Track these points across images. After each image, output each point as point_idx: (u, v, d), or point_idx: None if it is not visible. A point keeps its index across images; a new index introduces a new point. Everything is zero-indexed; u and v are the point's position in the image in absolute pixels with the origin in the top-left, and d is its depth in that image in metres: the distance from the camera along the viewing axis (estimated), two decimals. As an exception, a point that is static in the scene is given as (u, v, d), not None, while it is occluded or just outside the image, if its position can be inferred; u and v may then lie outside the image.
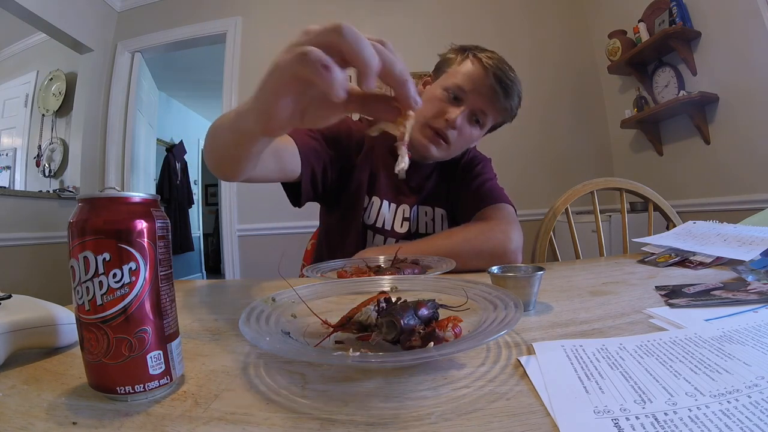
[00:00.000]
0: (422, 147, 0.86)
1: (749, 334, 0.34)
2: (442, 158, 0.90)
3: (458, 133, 0.84)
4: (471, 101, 0.83)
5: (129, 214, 0.28)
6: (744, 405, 0.23)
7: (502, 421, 0.24)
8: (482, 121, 0.86)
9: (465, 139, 0.87)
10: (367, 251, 0.83)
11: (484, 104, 0.84)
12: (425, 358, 0.31)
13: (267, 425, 0.25)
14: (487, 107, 0.84)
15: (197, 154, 5.53)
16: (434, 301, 0.40)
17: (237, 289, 0.73)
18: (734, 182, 1.99)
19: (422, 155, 0.87)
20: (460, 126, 0.83)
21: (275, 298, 0.42)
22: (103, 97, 2.94)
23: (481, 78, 0.82)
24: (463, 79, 0.83)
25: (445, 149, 0.87)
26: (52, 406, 0.28)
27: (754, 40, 1.82)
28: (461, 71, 0.84)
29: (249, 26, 2.93)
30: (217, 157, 0.57)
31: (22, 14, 2.39)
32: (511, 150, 2.76)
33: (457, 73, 0.84)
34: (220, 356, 0.37)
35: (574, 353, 0.32)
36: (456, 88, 0.83)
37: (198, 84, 4.54)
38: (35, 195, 2.57)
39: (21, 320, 0.35)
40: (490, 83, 0.81)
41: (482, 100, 0.83)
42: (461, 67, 0.84)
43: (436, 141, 0.85)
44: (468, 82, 0.82)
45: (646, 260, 0.76)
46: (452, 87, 0.83)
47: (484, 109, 0.84)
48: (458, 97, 0.83)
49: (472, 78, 0.82)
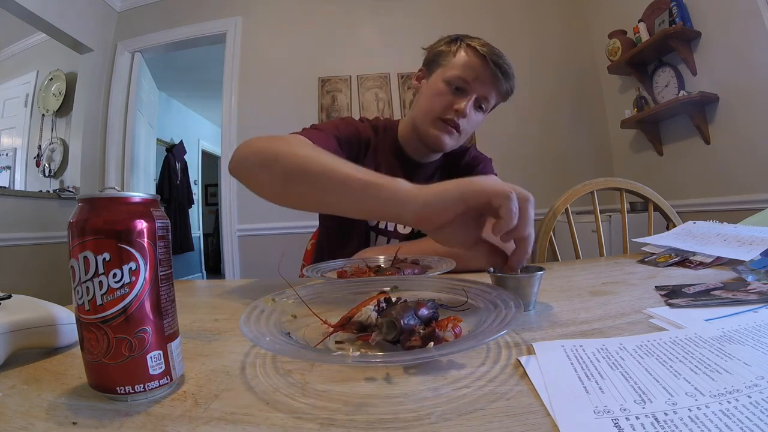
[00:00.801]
0: (436, 140, 0.88)
1: (749, 334, 0.34)
2: (453, 147, 0.92)
3: (467, 120, 0.88)
4: (475, 89, 0.85)
5: (129, 214, 0.28)
6: (744, 405, 0.23)
7: (502, 421, 0.24)
8: (485, 105, 0.89)
9: (472, 125, 0.91)
10: (367, 251, 0.83)
11: (488, 90, 0.86)
12: (425, 358, 0.31)
13: (267, 425, 0.25)
14: (490, 93, 0.87)
15: (197, 154, 5.53)
16: (434, 301, 0.40)
17: (237, 289, 0.73)
18: (734, 182, 1.99)
19: (436, 147, 0.90)
20: (468, 113, 0.86)
21: (275, 298, 0.42)
22: (103, 97, 2.94)
23: (480, 66, 0.84)
24: (463, 69, 0.85)
25: (456, 138, 0.90)
26: (52, 406, 0.28)
27: (754, 40, 1.82)
28: (459, 62, 0.86)
29: (249, 26, 2.93)
30: (292, 193, 0.58)
31: (22, 14, 2.40)
32: (512, 150, 2.76)
33: (456, 65, 0.86)
34: (220, 356, 0.37)
35: (574, 353, 0.32)
36: (458, 79, 0.85)
37: (198, 84, 4.54)
38: (35, 195, 2.57)
39: (21, 320, 0.35)
40: (491, 69, 0.84)
41: (485, 86, 0.86)
42: (457, 58, 0.86)
43: (449, 131, 0.88)
44: (469, 71, 0.84)
45: (646, 260, 0.76)
46: (454, 78, 0.85)
47: (487, 95, 0.87)
48: (461, 88, 0.86)
49: (472, 67, 0.84)
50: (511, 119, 2.77)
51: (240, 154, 0.65)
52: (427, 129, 0.88)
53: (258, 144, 0.64)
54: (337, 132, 0.87)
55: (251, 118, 2.81)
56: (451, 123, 0.86)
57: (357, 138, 0.92)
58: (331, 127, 0.88)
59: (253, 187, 0.63)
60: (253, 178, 0.64)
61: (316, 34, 2.90)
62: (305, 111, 2.79)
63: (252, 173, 0.64)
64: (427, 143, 0.90)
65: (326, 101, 2.85)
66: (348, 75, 2.87)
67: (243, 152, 0.65)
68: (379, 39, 2.90)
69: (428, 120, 0.88)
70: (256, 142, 0.65)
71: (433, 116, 0.87)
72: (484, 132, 2.76)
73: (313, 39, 2.89)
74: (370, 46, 2.89)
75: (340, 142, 0.86)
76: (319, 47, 2.89)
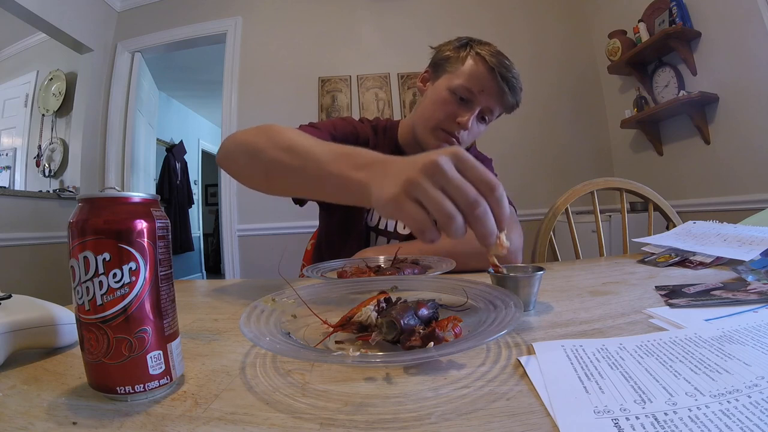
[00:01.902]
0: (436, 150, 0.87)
1: (749, 334, 0.34)
2: None
3: (468, 132, 0.86)
4: (480, 101, 0.83)
5: (129, 214, 0.28)
6: (744, 405, 0.23)
7: (502, 421, 0.24)
8: (488, 117, 0.88)
9: (473, 136, 0.89)
10: (367, 251, 0.83)
11: (493, 103, 0.85)
12: (425, 358, 0.31)
13: (267, 425, 0.25)
14: (495, 106, 0.85)
15: (197, 154, 5.53)
16: (434, 301, 0.40)
17: (237, 289, 0.73)
18: (734, 182, 1.98)
19: None
20: (470, 127, 0.85)
21: (275, 298, 0.42)
22: (103, 97, 2.94)
23: (488, 79, 0.82)
24: (468, 80, 0.82)
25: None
26: (52, 406, 0.28)
27: (754, 40, 1.82)
28: (465, 72, 0.83)
29: (249, 26, 2.93)
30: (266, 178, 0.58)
31: (22, 14, 2.39)
32: (512, 150, 2.76)
33: (462, 74, 0.83)
34: (220, 356, 0.37)
35: (574, 353, 0.32)
36: (463, 89, 0.83)
37: (198, 84, 4.54)
38: (35, 195, 2.57)
39: (21, 320, 0.35)
40: (498, 83, 0.81)
41: (491, 99, 0.84)
42: (465, 66, 0.83)
43: (449, 141, 0.86)
44: (475, 83, 0.82)
45: (646, 260, 0.76)
46: (459, 88, 0.83)
47: (492, 108, 0.85)
48: (466, 99, 0.83)
49: (478, 79, 0.82)
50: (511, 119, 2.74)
51: (225, 147, 0.66)
52: (426, 137, 0.86)
53: (242, 137, 0.64)
54: (333, 130, 0.87)
55: (251, 118, 2.80)
56: (451, 134, 0.84)
57: (354, 137, 0.92)
58: (329, 126, 0.88)
59: (240, 179, 0.64)
60: (239, 171, 0.64)
61: (316, 34, 2.90)
62: (305, 111, 2.79)
63: (237, 166, 0.65)
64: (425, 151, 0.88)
65: (326, 101, 2.85)
66: (348, 75, 2.87)
67: (228, 145, 0.65)
68: (379, 39, 2.90)
69: (429, 128, 0.86)
70: (241, 135, 0.65)
71: (434, 125, 0.85)
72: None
73: (313, 39, 2.89)
74: (370, 46, 2.89)
75: (335, 139, 0.86)
76: (319, 47, 2.89)
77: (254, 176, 0.61)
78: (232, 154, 0.65)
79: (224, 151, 0.66)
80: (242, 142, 0.63)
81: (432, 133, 0.86)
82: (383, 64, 2.86)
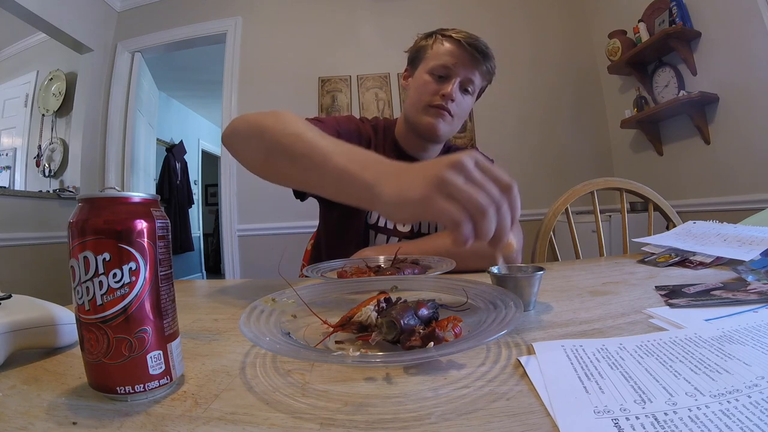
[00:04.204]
0: (429, 126, 0.89)
1: (749, 334, 0.34)
2: (449, 134, 0.93)
3: (456, 104, 0.89)
4: (457, 73, 0.88)
5: (129, 214, 0.28)
6: (744, 405, 0.23)
7: (502, 421, 0.24)
8: (471, 89, 0.91)
9: (463, 109, 0.92)
10: (367, 251, 0.83)
11: (470, 71, 0.89)
12: (425, 358, 0.31)
13: (267, 425, 0.25)
14: (472, 74, 0.89)
15: (197, 154, 5.53)
16: (434, 301, 0.40)
17: (237, 289, 0.73)
18: (734, 182, 1.98)
19: (431, 135, 0.91)
20: (455, 97, 0.88)
21: (275, 298, 0.42)
22: (103, 97, 2.94)
23: (458, 51, 0.87)
24: (443, 57, 0.88)
25: (450, 122, 0.91)
26: (52, 406, 0.28)
27: (754, 40, 1.82)
28: (438, 52, 0.89)
29: (249, 26, 2.93)
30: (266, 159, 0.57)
31: (22, 14, 2.39)
32: (512, 150, 2.76)
33: (435, 55, 0.89)
34: (220, 356, 0.37)
35: (574, 353, 0.32)
36: (440, 67, 0.88)
37: (198, 84, 4.54)
38: (35, 195, 2.57)
39: (21, 320, 0.35)
40: (469, 52, 0.86)
41: (467, 68, 0.88)
42: (435, 49, 0.89)
43: (441, 115, 0.89)
44: (449, 58, 0.87)
45: (646, 260, 0.76)
46: (435, 68, 0.88)
47: (471, 76, 0.89)
48: (444, 75, 0.88)
49: (450, 54, 0.87)
50: (511, 119, 2.78)
51: (233, 124, 0.66)
52: (419, 118, 0.90)
53: (252, 116, 0.64)
54: (338, 126, 0.89)
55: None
56: (441, 107, 0.88)
57: (358, 135, 0.94)
58: (333, 122, 0.91)
59: (240, 158, 0.64)
60: (240, 149, 0.64)
61: (316, 34, 2.90)
62: (305, 111, 2.78)
63: (240, 145, 0.64)
64: (422, 132, 0.91)
65: (326, 101, 2.85)
66: (348, 75, 2.87)
67: (236, 123, 0.65)
68: (379, 39, 2.90)
69: (419, 109, 0.90)
70: (252, 114, 0.64)
71: (422, 105, 0.89)
72: (484, 132, 2.76)
73: (313, 39, 2.89)
74: (370, 46, 2.89)
75: (340, 135, 0.86)
76: (319, 47, 2.88)
77: (256, 157, 0.60)
78: (237, 130, 0.64)
79: (232, 127, 0.65)
80: (251, 121, 0.63)
81: (423, 112, 0.90)
82: (383, 64, 2.86)
